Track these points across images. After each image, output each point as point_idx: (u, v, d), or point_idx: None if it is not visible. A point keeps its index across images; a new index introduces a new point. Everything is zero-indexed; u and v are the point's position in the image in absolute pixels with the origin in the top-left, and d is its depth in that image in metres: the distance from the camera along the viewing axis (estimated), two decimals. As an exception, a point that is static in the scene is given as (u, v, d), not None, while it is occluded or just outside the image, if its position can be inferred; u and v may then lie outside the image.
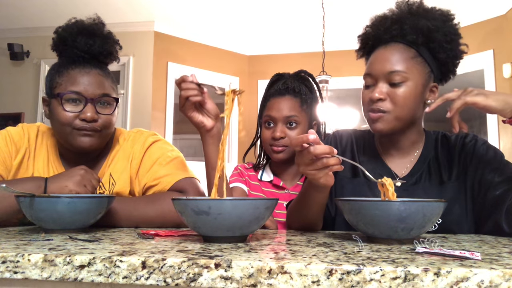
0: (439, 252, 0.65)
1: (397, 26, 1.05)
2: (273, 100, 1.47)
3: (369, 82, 1.07)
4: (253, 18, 4.31)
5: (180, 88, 1.02)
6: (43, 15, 4.19)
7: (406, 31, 1.04)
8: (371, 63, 1.08)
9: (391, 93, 1.03)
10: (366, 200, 0.82)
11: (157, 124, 4.46)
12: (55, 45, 1.20)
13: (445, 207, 0.79)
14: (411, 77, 1.03)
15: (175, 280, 0.57)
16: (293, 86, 1.46)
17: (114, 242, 0.76)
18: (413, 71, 1.03)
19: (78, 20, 1.20)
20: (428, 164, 1.10)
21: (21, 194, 0.90)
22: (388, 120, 1.04)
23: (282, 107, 1.43)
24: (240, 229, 0.76)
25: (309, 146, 0.85)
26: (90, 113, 1.12)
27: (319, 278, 0.54)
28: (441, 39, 1.04)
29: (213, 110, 1.06)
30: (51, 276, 0.60)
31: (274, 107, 1.45)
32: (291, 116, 1.43)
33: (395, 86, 1.03)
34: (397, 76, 1.02)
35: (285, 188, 1.47)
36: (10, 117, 4.51)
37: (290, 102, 1.44)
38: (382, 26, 1.08)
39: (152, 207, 1.09)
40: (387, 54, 1.05)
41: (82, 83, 1.12)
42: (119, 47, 1.24)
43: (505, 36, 3.93)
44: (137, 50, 4.47)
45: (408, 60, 1.04)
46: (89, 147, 1.14)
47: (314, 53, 4.49)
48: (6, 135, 1.19)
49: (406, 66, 1.03)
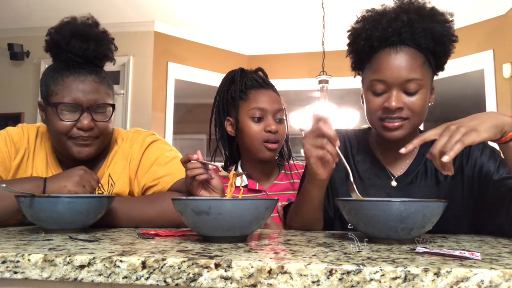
0: (439, 252, 0.65)
1: (408, 30, 1.00)
2: (257, 92, 1.39)
3: (381, 89, 1.02)
4: (253, 18, 4.31)
5: (185, 168, 1.05)
6: (43, 15, 4.19)
7: (418, 35, 1.00)
8: (382, 68, 1.01)
9: (407, 101, 1.00)
10: (366, 200, 0.82)
11: (157, 124, 4.46)
12: (48, 47, 1.18)
13: (444, 207, 0.79)
14: (424, 84, 1.01)
15: (175, 280, 0.57)
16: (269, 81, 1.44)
17: (114, 242, 0.76)
18: (425, 78, 1.01)
19: (70, 20, 1.18)
20: (424, 164, 1.09)
21: (21, 194, 0.90)
22: (407, 127, 1.03)
23: (271, 99, 1.38)
24: (240, 229, 0.76)
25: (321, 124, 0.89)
26: (87, 121, 1.11)
27: (319, 278, 0.54)
28: (447, 44, 1.03)
29: (218, 186, 1.06)
30: (51, 276, 0.60)
31: (262, 99, 1.37)
32: (280, 109, 1.39)
33: (411, 94, 1.00)
34: (413, 85, 0.99)
35: (262, 190, 1.41)
36: (10, 117, 4.51)
37: (274, 95, 1.40)
38: (390, 27, 1.01)
39: (152, 207, 1.09)
40: (401, 60, 1.00)
41: (78, 92, 1.11)
42: (115, 48, 1.22)
43: (505, 36, 3.93)
44: (137, 50, 4.46)
45: (421, 67, 1.01)
46: (85, 157, 1.14)
47: (314, 53, 4.48)
48: (6, 135, 1.19)
49: (421, 73, 1.00)
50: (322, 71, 3.67)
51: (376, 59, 1.04)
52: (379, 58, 1.03)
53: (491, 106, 4.01)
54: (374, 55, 1.04)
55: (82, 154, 1.13)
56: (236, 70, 1.47)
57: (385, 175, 1.10)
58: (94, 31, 1.18)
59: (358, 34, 1.07)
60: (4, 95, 4.65)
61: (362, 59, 1.09)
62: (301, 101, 4.46)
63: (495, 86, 4.00)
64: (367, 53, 1.06)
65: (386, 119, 1.03)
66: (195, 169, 1.03)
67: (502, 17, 3.98)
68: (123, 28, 4.31)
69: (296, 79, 4.93)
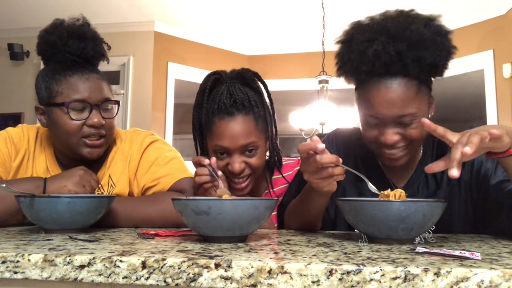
0: (439, 252, 0.65)
1: (397, 63, 0.93)
2: (220, 123, 1.15)
3: (374, 123, 0.98)
4: (253, 18, 4.31)
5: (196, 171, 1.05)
6: (43, 15, 4.17)
7: (409, 67, 0.93)
8: (374, 104, 0.96)
9: (403, 132, 0.97)
10: (366, 200, 0.82)
11: (157, 124, 4.45)
12: (42, 49, 1.16)
13: (444, 207, 0.79)
14: (420, 113, 0.96)
15: (175, 280, 0.57)
16: (240, 98, 1.15)
17: (114, 242, 0.76)
18: (420, 107, 0.96)
19: (63, 22, 1.17)
20: (425, 175, 1.08)
21: (21, 194, 0.90)
22: (408, 155, 1.00)
23: (236, 134, 1.13)
24: (240, 229, 0.76)
25: (315, 154, 0.83)
26: (97, 118, 1.12)
27: (319, 278, 0.54)
28: (443, 65, 0.98)
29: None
30: (51, 276, 0.60)
31: (224, 135, 1.14)
32: (248, 143, 1.15)
33: (406, 125, 0.96)
34: (408, 118, 0.95)
35: None
36: (10, 117, 4.51)
37: (243, 125, 1.14)
38: (378, 61, 0.94)
39: (152, 207, 1.09)
40: (392, 95, 0.94)
41: (85, 90, 1.12)
42: (108, 47, 1.23)
43: (505, 36, 3.93)
44: (137, 50, 4.46)
45: (415, 98, 0.95)
46: (96, 157, 1.16)
47: (314, 53, 4.48)
48: (6, 136, 1.19)
49: (416, 105, 0.95)
50: (322, 71, 3.67)
51: (366, 91, 0.99)
52: (369, 91, 0.98)
53: (491, 106, 4.01)
54: (363, 84, 1.00)
55: (93, 155, 1.14)
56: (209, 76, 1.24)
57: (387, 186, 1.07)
58: (89, 30, 1.18)
59: (344, 63, 1.02)
60: (4, 95, 4.65)
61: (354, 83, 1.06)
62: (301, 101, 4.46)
63: (495, 86, 4.00)
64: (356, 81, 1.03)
65: (384, 150, 1.00)
66: (203, 176, 1.03)
67: (502, 17, 3.98)
68: (123, 28, 4.30)
69: (296, 79, 4.94)
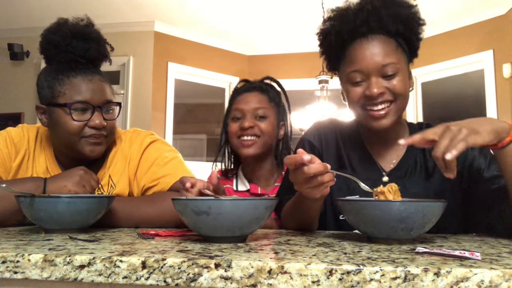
0: (439, 252, 0.65)
1: (375, 18, 1.02)
2: (239, 96, 1.48)
3: (359, 78, 1.03)
4: (253, 18, 4.31)
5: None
6: (43, 15, 4.18)
7: (385, 22, 1.02)
8: (357, 59, 1.03)
9: (387, 84, 1.02)
10: (366, 200, 0.82)
11: (157, 124, 4.46)
12: (44, 49, 1.17)
13: (444, 207, 0.79)
14: (401, 67, 1.02)
15: (175, 280, 0.57)
16: (259, 85, 1.50)
17: (114, 242, 0.76)
18: (401, 61, 1.03)
19: (67, 22, 1.17)
20: (414, 158, 1.10)
21: (21, 194, 0.90)
22: (393, 113, 1.03)
23: (251, 100, 1.44)
24: (240, 229, 0.76)
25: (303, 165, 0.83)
26: (99, 120, 1.12)
27: (319, 278, 0.54)
28: (416, 27, 1.05)
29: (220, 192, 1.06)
30: (51, 276, 0.60)
31: (241, 101, 1.45)
32: (260, 107, 1.43)
33: (390, 77, 1.02)
34: (390, 68, 1.01)
35: (264, 193, 1.44)
36: (10, 117, 4.51)
37: (258, 96, 1.46)
38: (357, 19, 1.02)
39: (152, 207, 1.09)
40: (373, 47, 1.02)
41: (88, 91, 1.12)
42: (111, 48, 1.23)
43: (505, 36, 3.93)
44: (137, 50, 4.46)
45: (395, 51, 1.02)
46: (97, 155, 1.16)
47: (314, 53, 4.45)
48: (6, 136, 1.19)
49: (396, 57, 1.02)
50: (322, 71, 3.67)
51: (349, 52, 1.05)
52: (352, 50, 1.04)
53: (491, 106, 4.02)
54: (347, 49, 1.06)
55: (95, 153, 1.15)
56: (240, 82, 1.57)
57: (376, 170, 1.10)
58: (93, 31, 1.19)
59: (327, 33, 1.09)
60: (4, 95, 4.65)
61: (336, 57, 1.10)
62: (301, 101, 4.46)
63: (495, 86, 4.00)
64: (340, 47, 1.07)
65: (370, 108, 1.03)
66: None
67: (502, 17, 3.98)
68: (123, 28, 4.30)
69: (296, 79, 4.94)
